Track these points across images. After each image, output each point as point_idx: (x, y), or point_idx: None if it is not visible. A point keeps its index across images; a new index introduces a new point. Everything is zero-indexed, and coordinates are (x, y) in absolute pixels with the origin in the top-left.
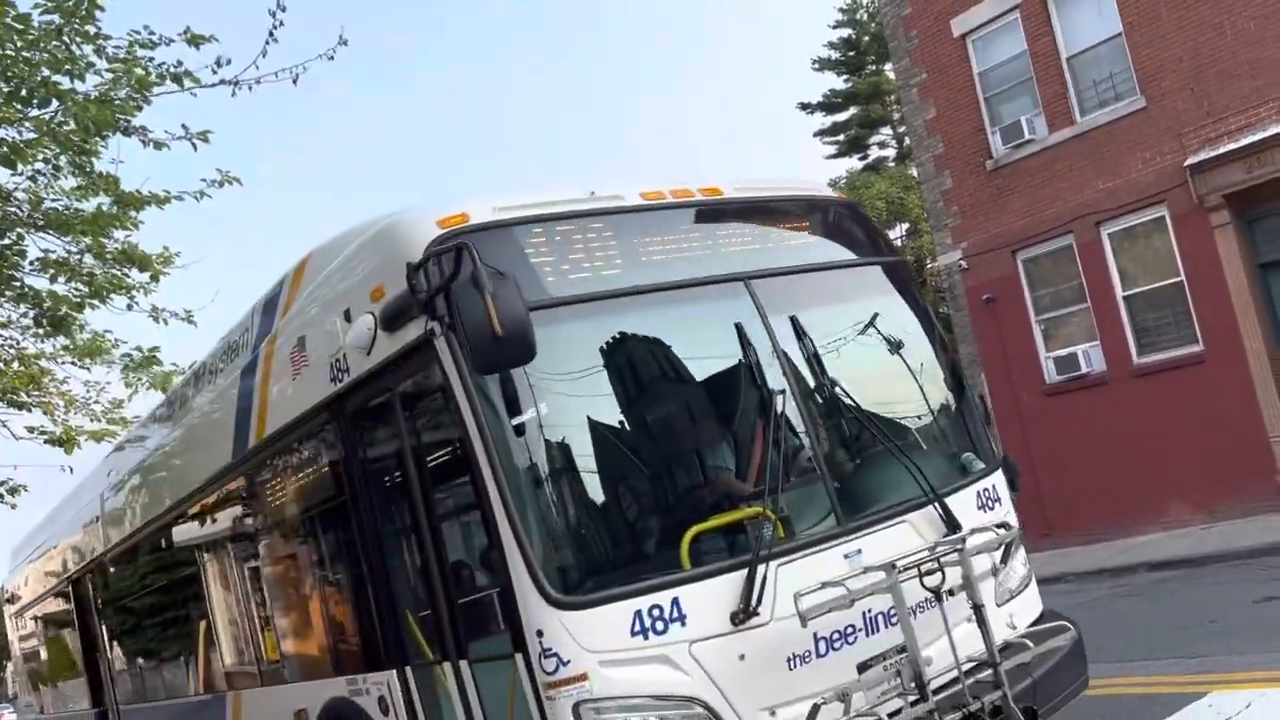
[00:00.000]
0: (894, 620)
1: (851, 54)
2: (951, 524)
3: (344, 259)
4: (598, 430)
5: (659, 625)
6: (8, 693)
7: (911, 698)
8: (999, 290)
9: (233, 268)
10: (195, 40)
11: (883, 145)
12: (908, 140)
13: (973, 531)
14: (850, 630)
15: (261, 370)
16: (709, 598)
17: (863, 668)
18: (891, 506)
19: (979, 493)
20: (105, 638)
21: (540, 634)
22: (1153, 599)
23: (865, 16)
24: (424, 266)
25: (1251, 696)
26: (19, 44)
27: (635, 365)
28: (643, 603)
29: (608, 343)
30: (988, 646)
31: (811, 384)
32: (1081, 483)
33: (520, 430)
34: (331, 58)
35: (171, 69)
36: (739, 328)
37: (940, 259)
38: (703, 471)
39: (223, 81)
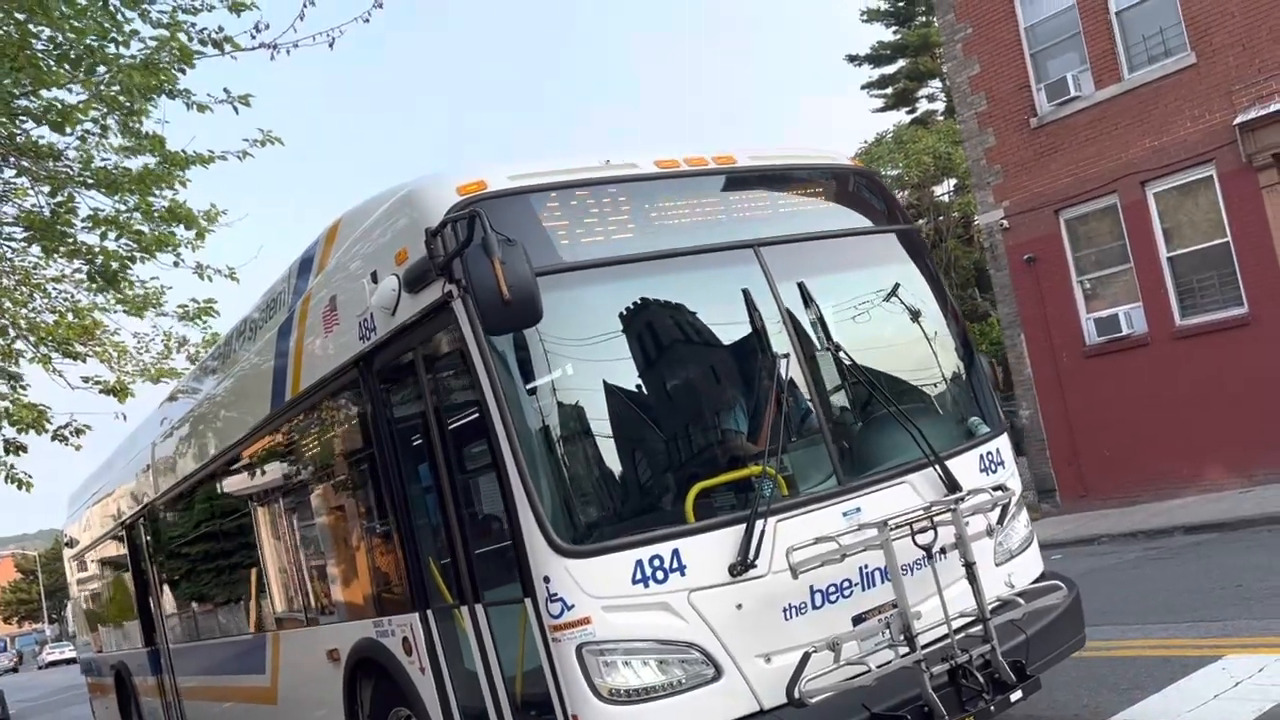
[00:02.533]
0: (889, 576)
1: (901, 4)
2: (952, 485)
3: (371, 223)
4: (605, 390)
5: (659, 574)
6: (68, 630)
7: (901, 650)
8: (1041, 250)
9: (275, 224)
10: (237, 7)
11: (931, 99)
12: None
13: (969, 493)
14: (846, 584)
15: (297, 327)
16: (708, 550)
17: (857, 620)
18: (892, 467)
19: (982, 456)
20: (156, 581)
21: (547, 580)
22: (1182, 562)
23: None
24: (441, 232)
25: (1266, 660)
26: (68, 11)
27: (643, 329)
28: (644, 553)
29: (617, 307)
30: (977, 602)
31: (817, 348)
32: (1120, 445)
33: (531, 389)
34: (367, 20)
35: (213, 35)
36: (746, 293)
37: (981, 218)
38: (706, 430)
39: (262, 45)
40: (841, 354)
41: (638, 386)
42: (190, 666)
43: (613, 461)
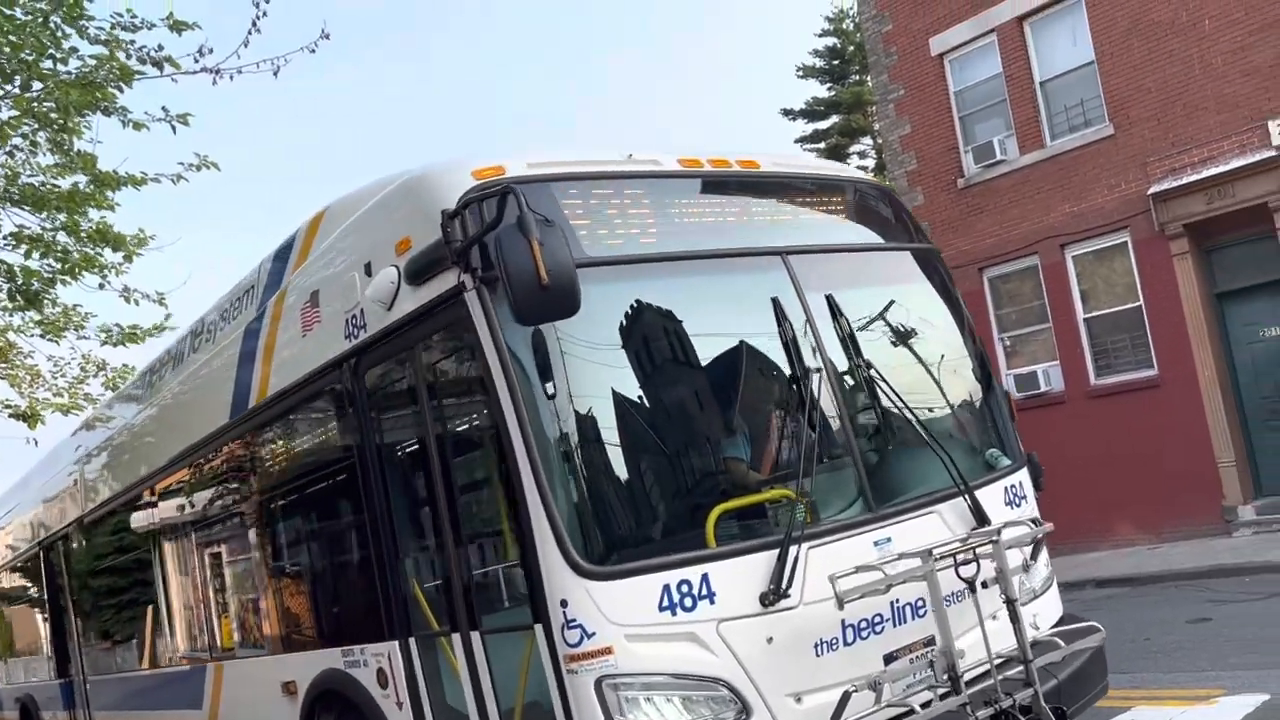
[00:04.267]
0: (921, 612)
1: (836, 63)
2: (980, 517)
3: (367, 211)
4: (630, 397)
5: (687, 602)
6: None
7: (942, 690)
8: (966, 307)
9: (206, 253)
10: (178, 26)
11: (863, 155)
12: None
13: (1006, 525)
14: (878, 619)
15: (268, 327)
16: (738, 577)
17: (889, 658)
18: (922, 495)
19: (1006, 488)
20: (75, 606)
21: (565, 604)
22: (1093, 615)
23: (850, 26)
24: (461, 214)
25: (1173, 713)
26: (5, 27)
27: (672, 334)
28: (672, 577)
29: (644, 309)
30: (1020, 643)
31: (845, 366)
32: (1037, 499)
33: (551, 392)
34: (313, 51)
35: (153, 54)
36: (775, 303)
37: None
38: (736, 448)
39: (204, 69)
40: (872, 372)
41: (664, 397)
42: (111, 700)
43: (639, 475)
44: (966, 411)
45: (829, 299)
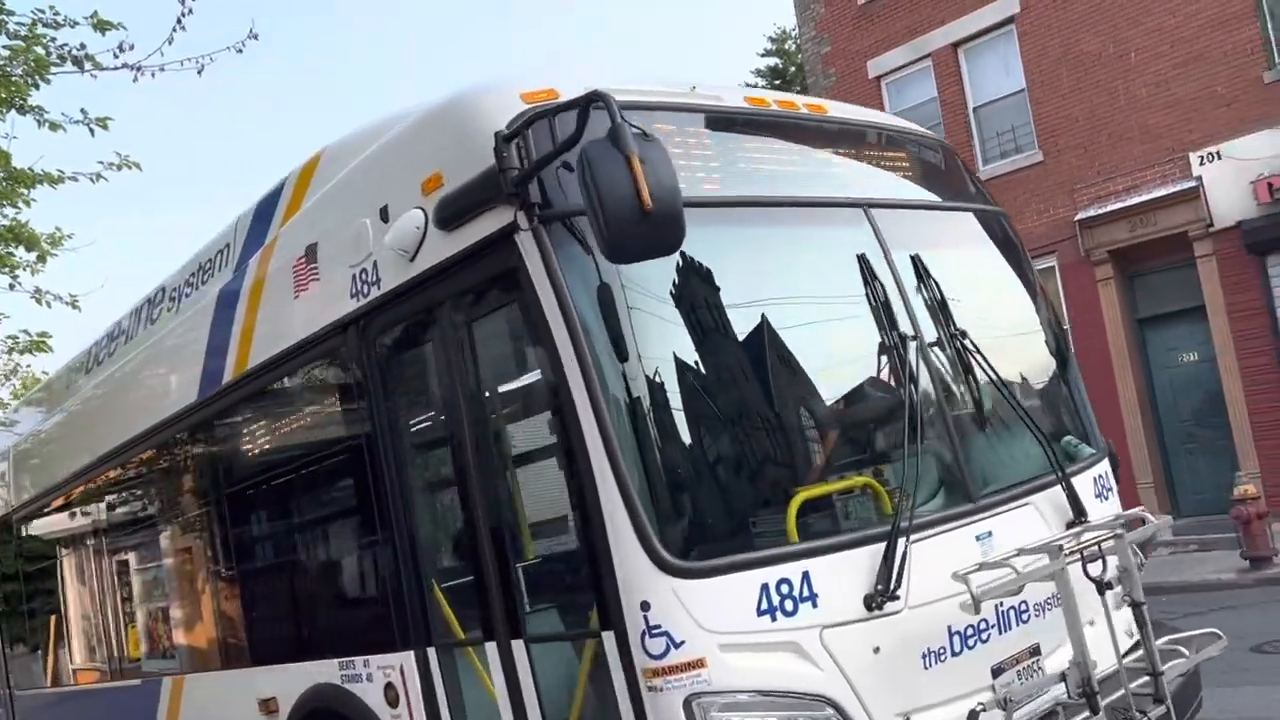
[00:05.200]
0: (1024, 617)
1: (778, 83)
2: (1078, 510)
3: (382, 148)
4: (716, 363)
5: (788, 604)
6: None
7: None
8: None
9: (126, 258)
10: (102, 26)
11: None
12: None
13: (1123, 518)
14: (984, 626)
15: (248, 290)
16: (840, 575)
17: (996, 671)
18: (1019, 485)
19: (1094, 479)
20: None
21: (646, 607)
22: None
23: (793, 48)
24: (524, 134)
25: None
26: None
27: (758, 291)
28: (770, 574)
29: (725, 261)
30: (1149, 653)
31: (935, 336)
32: None
33: (626, 354)
34: (240, 51)
35: (74, 51)
36: (862, 260)
37: None
38: (831, 425)
39: (125, 65)
40: (966, 343)
41: (754, 362)
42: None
43: (729, 455)
44: (1051, 393)
45: (914, 259)
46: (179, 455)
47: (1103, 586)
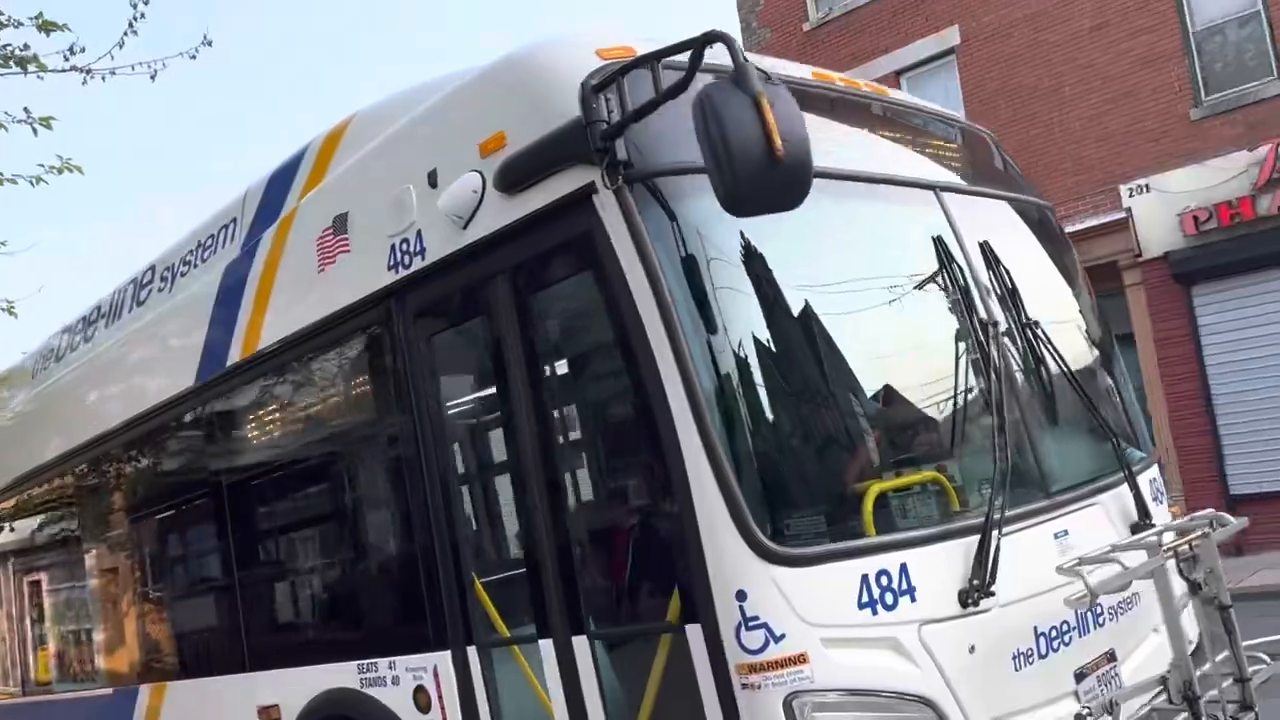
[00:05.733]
0: (1100, 620)
1: None
2: (1143, 511)
3: (427, 112)
4: (809, 340)
5: (888, 597)
6: None
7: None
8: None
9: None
10: (47, 27)
11: None
12: None
13: (1202, 518)
14: (1066, 628)
15: (262, 263)
16: (936, 568)
17: (1079, 675)
18: (1091, 482)
19: (1149, 482)
20: None
21: (743, 597)
22: None
23: None
24: (618, 82)
25: None
26: None
27: (847, 267)
28: (870, 565)
29: (817, 235)
30: (1236, 658)
31: (1007, 325)
32: None
33: (714, 325)
34: (194, 57)
35: (18, 51)
36: (939, 243)
37: None
38: (921, 410)
39: (74, 68)
40: (1038, 332)
41: (850, 340)
42: None
43: (826, 439)
44: (1110, 391)
45: (983, 246)
46: (172, 442)
47: (1195, 587)
